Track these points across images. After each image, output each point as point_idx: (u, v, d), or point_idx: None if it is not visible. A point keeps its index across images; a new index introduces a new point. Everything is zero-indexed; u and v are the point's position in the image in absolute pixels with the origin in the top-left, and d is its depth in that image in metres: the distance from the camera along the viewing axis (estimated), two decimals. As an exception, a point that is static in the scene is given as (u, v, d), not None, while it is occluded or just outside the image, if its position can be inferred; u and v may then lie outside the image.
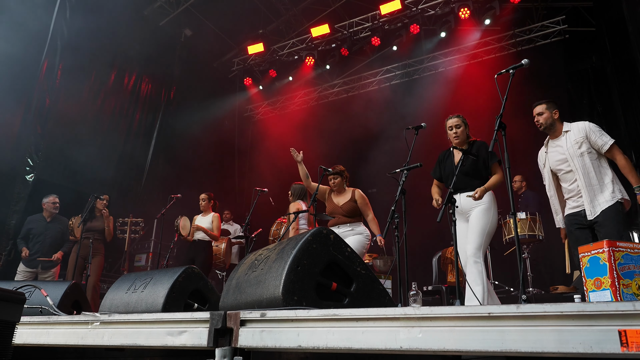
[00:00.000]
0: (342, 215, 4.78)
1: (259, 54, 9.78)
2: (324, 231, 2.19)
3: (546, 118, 3.67)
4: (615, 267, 1.98)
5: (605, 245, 2.01)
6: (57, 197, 6.03)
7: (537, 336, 0.95)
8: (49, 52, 7.00)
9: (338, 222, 4.78)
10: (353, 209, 4.78)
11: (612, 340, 0.85)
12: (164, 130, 9.01)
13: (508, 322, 1.00)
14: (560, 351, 0.90)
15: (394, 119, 8.39)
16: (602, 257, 2.03)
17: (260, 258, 2.39)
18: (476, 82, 8.02)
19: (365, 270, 2.22)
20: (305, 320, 1.31)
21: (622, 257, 2.01)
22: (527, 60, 3.07)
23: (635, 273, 2.02)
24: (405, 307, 1.16)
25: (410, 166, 3.63)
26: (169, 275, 2.76)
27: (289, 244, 2.20)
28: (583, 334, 0.89)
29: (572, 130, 3.61)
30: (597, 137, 3.49)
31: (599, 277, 2.04)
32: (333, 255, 2.15)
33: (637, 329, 0.82)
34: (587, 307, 0.89)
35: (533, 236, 5.25)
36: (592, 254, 2.09)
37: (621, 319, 0.85)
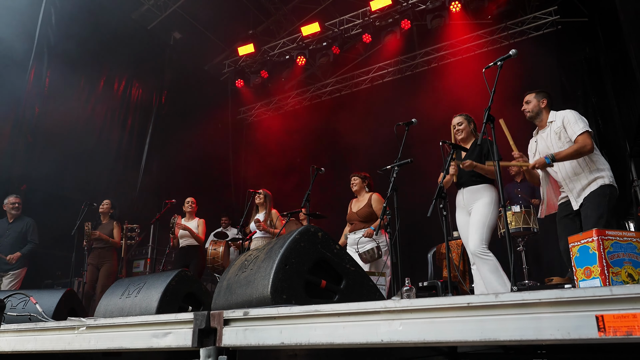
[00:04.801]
0: (358, 221, 4.81)
1: (250, 55, 9.77)
2: (312, 229, 2.18)
3: (533, 107, 3.63)
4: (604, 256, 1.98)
5: (594, 234, 2.02)
6: (17, 197, 5.92)
7: (516, 324, 0.94)
8: (36, 59, 6.94)
9: (355, 228, 4.82)
10: (369, 214, 4.77)
11: (590, 325, 0.84)
12: (157, 135, 8.98)
13: (487, 312, 1.00)
14: (539, 338, 0.89)
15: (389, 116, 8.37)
16: (592, 246, 2.03)
17: (250, 258, 2.39)
18: (470, 76, 8.01)
19: (355, 267, 2.21)
20: (288, 317, 1.30)
21: (612, 246, 2.02)
22: (515, 51, 3.08)
23: (624, 261, 2.02)
24: (386, 301, 1.16)
25: (401, 162, 3.63)
26: (162, 280, 2.77)
27: (277, 243, 2.20)
28: (561, 320, 0.88)
29: (556, 120, 3.56)
30: (570, 126, 3.42)
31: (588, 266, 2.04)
32: (321, 253, 2.14)
33: (614, 314, 0.81)
34: (564, 294, 0.88)
35: (528, 229, 5.27)
36: (582, 243, 2.09)
37: (598, 304, 0.84)
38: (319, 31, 9.09)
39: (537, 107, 3.63)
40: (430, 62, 9.30)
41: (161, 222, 6.24)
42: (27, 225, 5.95)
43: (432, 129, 4.22)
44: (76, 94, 7.61)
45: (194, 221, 6.24)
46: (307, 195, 4.68)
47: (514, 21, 8.41)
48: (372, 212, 4.74)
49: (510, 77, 6.76)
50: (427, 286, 5.23)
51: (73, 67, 7.24)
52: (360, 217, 4.75)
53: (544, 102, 3.63)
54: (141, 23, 8.83)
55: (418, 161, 3.94)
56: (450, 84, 8.55)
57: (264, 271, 2.01)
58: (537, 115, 3.63)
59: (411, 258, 6.78)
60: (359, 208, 4.82)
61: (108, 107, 8.16)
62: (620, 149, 6.50)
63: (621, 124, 6.44)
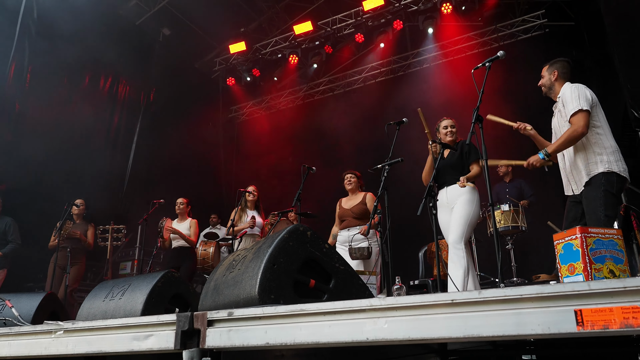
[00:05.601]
0: (352, 218, 4.82)
1: (242, 53, 9.74)
2: (301, 228, 2.19)
3: (545, 81, 3.42)
4: (587, 253, 2.02)
5: (577, 232, 2.05)
6: None
7: (498, 320, 0.96)
8: (17, 53, 6.69)
9: (348, 224, 4.83)
10: (363, 211, 4.80)
11: (569, 320, 0.86)
12: (145, 134, 8.89)
13: (471, 308, 1.01)
14: (520, 333, 0.91)
15: (381, 116, 8.42)
16: (575, 243, 2.07)
17: (238, 258, 2.39)
18: (461, 77, 8.08)
19: (344, 266, 2.22)
20: (273, 317, 1.30)
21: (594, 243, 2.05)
22: (502, 53, 3.11)
23: (606, 257, 2.06)
24: (371, 299, 1.17)
25: (391, 161, 3.66)
26: (147, 281, 2.74)
27: (265, 243, 2.20)
28: (541, 315, 0.90)
29: (561, 95, 3.31)
30: (565, 104, 3.19)
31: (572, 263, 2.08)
32: (310, 252, 2.15)
33: (592, 308, 0.83)
34: (545, 289, 0.90)
35: (516, 227, 5.34)
36: (566, 240, 2.13)
37: (577, 298, 0.86)
38: (312, 30, 9.09)
39: (549, 81, 3.41)
40: (422, 63, 9.35)
41: (149, 223, 6.18)
42: (6, 225, 5.81)
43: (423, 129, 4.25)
44: (59, 90, 7.39)
45: (186, 222, 6.17)
46: (298, 194, 4.69)
47: (503, 24, 8.50)
48: (366, 210, 4.76)
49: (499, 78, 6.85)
50: (418, 285, 5.28)
51: (56, 62, 7.00)
52: (354, 214, 4.77)
53: (555, 75, 3.39)
54: (129, 18, 8.69)
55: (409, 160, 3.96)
56: (442, 85, 8.61)
57: (252, 271, 2.01)
58: (550, 89, 3.41)
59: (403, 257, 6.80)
60: (353, 205, 4.84)
61: (93, 104, 7.98)
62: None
63: (608, 129, 6.53)
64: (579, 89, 3.20)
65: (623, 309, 0.79)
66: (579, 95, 3.15)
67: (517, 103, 6.46)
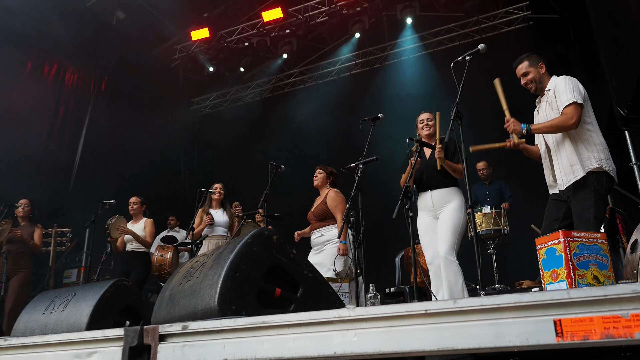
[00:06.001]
0: (314, 221, 4.80)
1: (205, 40, 9.62)
2: (266, 232, 2.17)
3: (534, 76, 3.35)
4: (570, 258, 2.07)
5: (560, 236, 2.10)
6: None
7: (475, 331, 0.96)
8: None
9: (312, 228, 4.81)
10: (323, 212, 4.75)
11: (548, 330, 0.87)
12: (94, 127, 8.65)
13: (446, 319, 1.01)
14: (497, 345, 0.92)
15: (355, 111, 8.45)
16: (558, 248, 2.11)
17: (196, 265, 2.35)
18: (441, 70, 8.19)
19: (313, 273, 2.21)
20: (232, 331, 1.28)
21: (578, 247, 2.11)
22: (483, 46, 3.16)
23: (590, 263, 2.11)
24: (340, 309, 1.16)
25: (365, 160, 3.68)
26: (94, 291, 2.67)
27: (227, 248, 2.17)
28: (519, 326, 0.91)
29: (552, 87, 3.30)
30: (559, 96, 3.18)
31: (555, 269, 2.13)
32: (276, 258, 2.13)
33: (571, 318, 0.84)
34: (523, 298, 0.91)
35: (498, 231, 5.44)
36: (549, 245, 2.17)
37: (556, 307, 0.87)
38: (282, 17, 9.05)
39: (538, 75, 3.36)
40: (400, 55, 9.44)
41: (98, 225, 6.01)
42: None
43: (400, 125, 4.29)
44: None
45: (140, 222, 6.05)
46: (264, 194, 4.66)
47: (485, 15, 8.68)
48: (327, 210, 4.69)
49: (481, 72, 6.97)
50: (394, 292, 5.32)
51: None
52: (315, 216, 4.74)
53: (543, 67, 3.37)
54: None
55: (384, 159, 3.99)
56: (421, 78, 8.72)
57: (211, 279, 1.98)
58: (541, 83, 3.36)
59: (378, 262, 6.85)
60: (315, 205, 4.83)
61: (35, 94, 7.73)
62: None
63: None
64: (573, 82, 3.24)
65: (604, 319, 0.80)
66: (573, 88, 3.18)
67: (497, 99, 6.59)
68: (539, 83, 3.35)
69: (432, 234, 3.94)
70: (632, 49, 4.52)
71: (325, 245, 4.65)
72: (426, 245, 3.99)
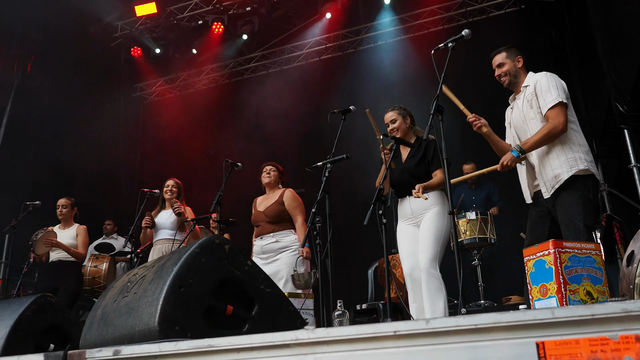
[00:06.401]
0: (266, 223, 4.74)
1: (152, 16, 9.48)
2: (217, 240, 2.15)
3: (509, 69, 3.52)
4: (561, 271, 2.11)
5: (550, 247, 2.14)
6: None
7: (450, 355, 0.97)
8: None
9: (261, 232, 4.76)
10: (279, 212, 4.72)
11: (530, 354, 0.88)
12: (17, 116, 8.38)
13: (417, 341, 1.02)
14: (474, 372, 0.92)
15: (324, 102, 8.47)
16: (548, 260, 2.16)
17: (134, 279, 2.32)
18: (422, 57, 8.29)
19: (271, 288, 2.21)
20: (173, 356, 1.26)
21: (569, 259, 2.15)
22: (467, 31, 3.21)
23: (583, 277, 2.16)
24: (298, 331, 1.15)
25: (334, 158, 3.69)
26: (12, 309, 2.63)
27: (171, 259, 2.15)
28: (500, 349, 0.92)
29: (530, 84, 3.45)
30: (541, 95, 3.33)
31: (544, 284, 2.17)
32: (228, 271, 2.12)
33: (555, 340, 0.85)
34: (503, 318, 0.92)
35: (484, 239, 5.51)
36: (538, 256, 2.22)
37: (540, 328, 0.88)
38: (242, -9, 9.01)
39: (514, 68, 3.52)
40: (376, 39, 9.51)
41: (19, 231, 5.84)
42: None
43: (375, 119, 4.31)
44: None
45: (71, 229, 5.89)
46: (218, 196, 4.62)
47: (473, -5, 8.82)
48: (283, 212, 4.71)
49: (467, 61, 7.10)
50: (366, 309, 5.35)
51: None
52: (268, 217, 4.70)
53: (520, 61, 3.54)
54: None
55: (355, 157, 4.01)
56: (400, 66, 8.79)
57: (151, 295, 1.96)
58: (515, 77, 3.53)
59: (348, 275, 6.89)
60: (268, 205, 4.78)
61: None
62: (587, 148, 7.00)
63: (587, 120, 6.93)
64: (556, 79, 3.38)
65: (591, 341, 0.82)
66: (557, 86, 3.31)
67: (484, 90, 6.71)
68: (514, 77, 3.52)
69: (412, 243, 3.97)
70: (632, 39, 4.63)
71: (280, 252, 4.64)
72: (405, 255, 4.02)
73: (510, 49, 3.56)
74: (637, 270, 2.18)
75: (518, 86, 3.54)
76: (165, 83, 10.69)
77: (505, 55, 3.53)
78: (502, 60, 3.54)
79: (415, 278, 3.90)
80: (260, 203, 4.91)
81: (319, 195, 3.59)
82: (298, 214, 4.74)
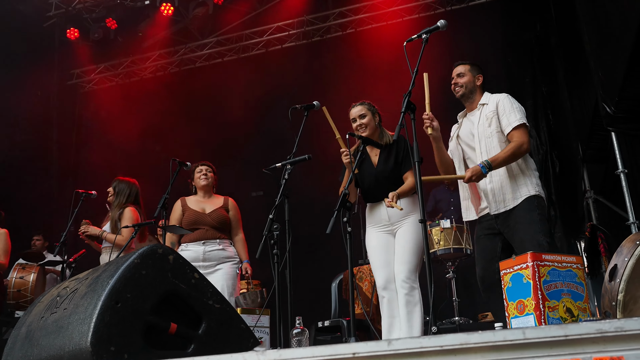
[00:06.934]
0: (210, 227, 4.77)
1: (91, -7, 9.34)
2: (160, 250, 2.15)
3: (467, 81, 3.85)
4: (540, 286, 2.17)
5: (529, 259, 2.20)
6: None
7: (413, 380, 0.98)
8: None
9: (204, 236, 4.74)
10: (224, 220, 4.83)
11: (497, 379, 0.90)
12: None
13: (378, 365, 1.02)
14: (438, 399, 0.93)
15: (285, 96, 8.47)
16: (526, 273, 2.21)
17: (65, 293, 2.32)
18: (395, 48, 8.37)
19: (221, 304, 2.22)
20: (104, 380, 1.24)
21: (549, 273, 2.21)
22: (443, 22, 3.29)
23: (562, 292, 2.23)
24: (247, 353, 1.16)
25: (295, 159, 3.71)
26: None
27: (107, 271, 2.14)
28: (466, 373, 0.93)
29: (489, 103, 3.81)
30: (505, 115, 3.68)
31: (522, 300, 2.22)
32: (173, 285, 2.13)
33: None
34: (471, 339, 0.93)
35: (459, 250, 5.57)
36: (515, 270, 2.27)
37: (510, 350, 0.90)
38: (194, -32, 8.96)
39: (472, 84, 3.87)
40: (345, 27, 9.56)
41: None
42: None
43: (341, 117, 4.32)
44: None
45: None
46: (164, 199, 4.57)
47: (452, -18, 8.96)
48: (228, 220, 4.89)
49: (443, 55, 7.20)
50: (329, 327, 5.38)
51: None
52: (215, 222, 4.76)
53: (480, 80, 3.89)
54: None
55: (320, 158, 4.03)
56: (370, 58, 8.86)
57: (84, 312, 1.97)
58: (471, 93, 3.87)
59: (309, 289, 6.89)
60: (213, 209, 4.84)
61: None
62: (572, 151, 7.19)
63: (573, 121, 7.12)
64: (517, 102, 3.79)
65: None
66: (520, 109, 3.73)
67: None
68: (469, 92, 3.88)
69: (387, 253, 4.03)
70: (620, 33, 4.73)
71: (224, 262, 4.69)
72: (379, 266, 4.06)
73: (474, 65, 3.92)
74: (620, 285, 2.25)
75: (473, 103, 3.89)
76: (106, 70, 10.51)
77: (469, 68, 3.89)
78: (464, 71, 3.88)
79: (390, 291, 3.93)
80: (196, 204, 4.91)
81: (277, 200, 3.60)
82: (239, 228, 4.97)
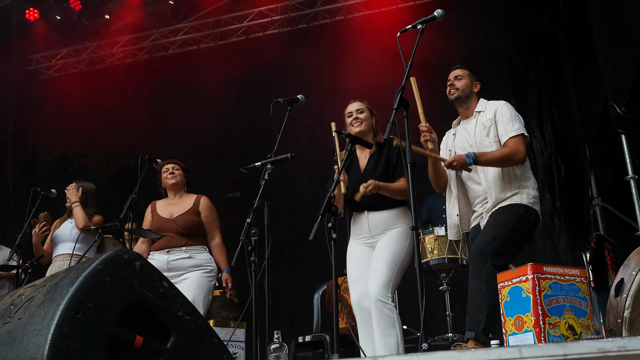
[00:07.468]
0: (175, 234, 4.73)
1: (53, -30, 9.29)
2: (125, 255, 2.15)
3: (464, 85, 3.95)
4: (540, 301, 2.19)
5: (529, 272, 2.21)
6: None
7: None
8: None
9: (169, 244, 4.71)
10: (194, 225, 4.76)
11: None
12: None
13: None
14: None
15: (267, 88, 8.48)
16: (525, 287, 2.22)
17: (20, 301, 2.30)
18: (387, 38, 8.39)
19: (191, 316, 2.21)
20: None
21: (550, 287, 2.23)
22: (440, 12, 3.30)
23: (565, 308, 2.24)
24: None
25: (276, 158, 3.71)
26: None
27: (66, 277, 2.13)
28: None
29: (486, 111, 3.89)
30: (503, 123, 3.77)
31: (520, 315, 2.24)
32: (139, 294, 2.13)
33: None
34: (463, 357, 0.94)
35: (455, 260, 5.57)
36: (514, 283, 2.28)
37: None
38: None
39: (469, 89, 3.96)
40: (334, 13, 9.57)
41: None
42: None
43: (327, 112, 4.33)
44: None
45: None
46: (130, 200, 4.54)
47: (449, -34, 9.01)
48: (199, 224, 4.80)
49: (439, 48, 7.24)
50: (310, 342, 5.39)
51: None
52: (181, 228, 4.70)
53: (477, 87, 4.00)
54: None
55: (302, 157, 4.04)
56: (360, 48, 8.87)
57: (40, 322, 1.96)
58: (467, 98, 3.96)
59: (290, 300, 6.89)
60: (180, 213, 4.79)
61: None
62: (579, 155, 7.25)
63: (580, 122, 7.18)
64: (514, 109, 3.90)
65: (561, 384, 0.85)
66: (519, 118, 3.84)
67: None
68: (465, 97, 3.97)
69: (364, 266, 4.06)
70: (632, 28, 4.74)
71: (191, 271, 4.65)
72: (354, 280, 4.11)
73: (474, 72, 4.04)
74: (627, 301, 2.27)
75: (468, 109, 3.98)
76: (69, 55, 10.45)
77: (468, 73, 4.01)
78: (462, 74, 4.00)
79: (364, 307, 3.96)
80: (164, 209, 4.90)
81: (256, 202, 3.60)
82: (216, 230, 4.87)
